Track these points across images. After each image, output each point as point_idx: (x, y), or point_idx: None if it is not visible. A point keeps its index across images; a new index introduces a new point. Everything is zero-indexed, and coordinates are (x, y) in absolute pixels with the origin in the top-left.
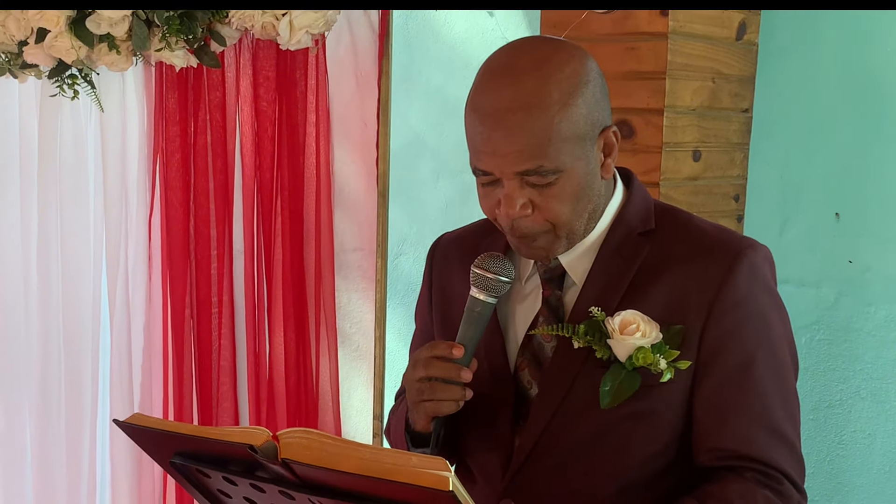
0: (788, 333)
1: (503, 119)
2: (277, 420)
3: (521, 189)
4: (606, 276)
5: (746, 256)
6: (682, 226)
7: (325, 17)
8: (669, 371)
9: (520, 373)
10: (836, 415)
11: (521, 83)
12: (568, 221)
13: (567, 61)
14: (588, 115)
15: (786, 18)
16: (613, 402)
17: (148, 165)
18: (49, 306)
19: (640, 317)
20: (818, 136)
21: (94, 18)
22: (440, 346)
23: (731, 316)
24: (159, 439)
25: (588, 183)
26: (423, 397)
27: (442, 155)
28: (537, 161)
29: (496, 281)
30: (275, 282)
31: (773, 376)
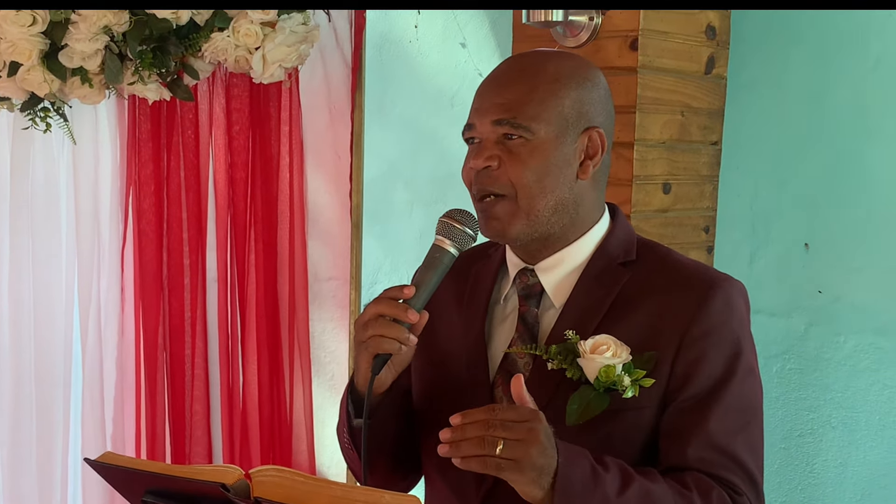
0: (756, 369)
1: (498, 78)
2: (251, 451)
3: (493, 144)
4: (585, 302)
5: (721, 289)
6: (662, 259)
7: (297, 52)
8: (633, 389)
9: (495, 389)
10: (807, 444)
11: (527, 57)
12: (528, 190)
13: (577, 60)
14: (578, 104)
15: (754, 53)
16: (579, 419)
17: (121, 197)
18: (20, 337)
19: (613, 340)
20: (787, 168)
21: (66, 52)
22: (393, 287)
23: (700, 344)
24: (131, 478)
25: (557, 166)
26: (367, 333)
27: (416, 185)
28: (513, 112)
29: (461, 232)
30: (248, 313)
31: (737, 405)
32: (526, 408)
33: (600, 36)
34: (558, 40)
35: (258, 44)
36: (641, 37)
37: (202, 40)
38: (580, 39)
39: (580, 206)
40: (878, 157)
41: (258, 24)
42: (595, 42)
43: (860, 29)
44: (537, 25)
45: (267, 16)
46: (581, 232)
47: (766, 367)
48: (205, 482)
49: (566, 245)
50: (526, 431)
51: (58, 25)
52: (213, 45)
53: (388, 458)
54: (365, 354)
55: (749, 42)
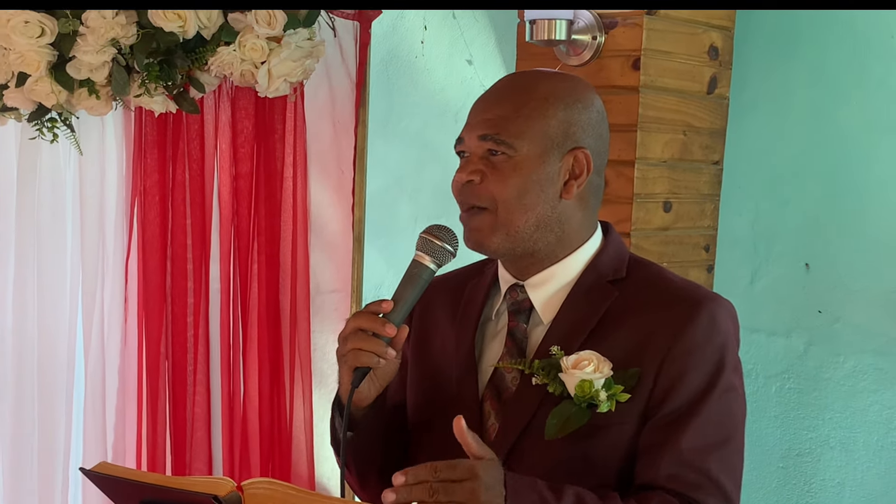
0: (739, 389)
1: (490, 95)
2: (251, 462)
3: (479, 159)
4: (573, 319)
5: (707, 308)
6: (651, 277)
7: (303, 67)
8: (609, 403)
9: (484, 404)
10: (805, 463)
11: (522, 76)
12: (507, 206)
13: (571, 81)
14: (566, 125)
15: (757, 73)
16: (558, 434)
17: (126, 208)
18: (24, 344)
19: (596, 355)
20: (788, 188)
21: (74, 64)
22: (373, 302)
23: (681, 362)
24: (125, 488)
25: (537, 184)
26: (347, 347)
27: (420, 199)
28: (497, 128)
29: (441, 248)
30: (250, 324)
31: (714, 424)
32: (464, 464)
33: (603, 55)
34: (561, 59)
35: (264, 58)
36: (644, 56)
37: (208, 54)
38: (583, 58)
39: (566, 224)
40: (879, 178)
41: (264, 38)
42: (598, 61)
43: (862, 50)
44: (540, 44)
45: (273, 30)
46: (570, 249)
47: (765, 387)
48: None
49: (555, 262)
50: (467, 492)
51: (66, 37)
52: (219, 59)
53: (378, 471)
54: (345, 368)
55: (752, 62)
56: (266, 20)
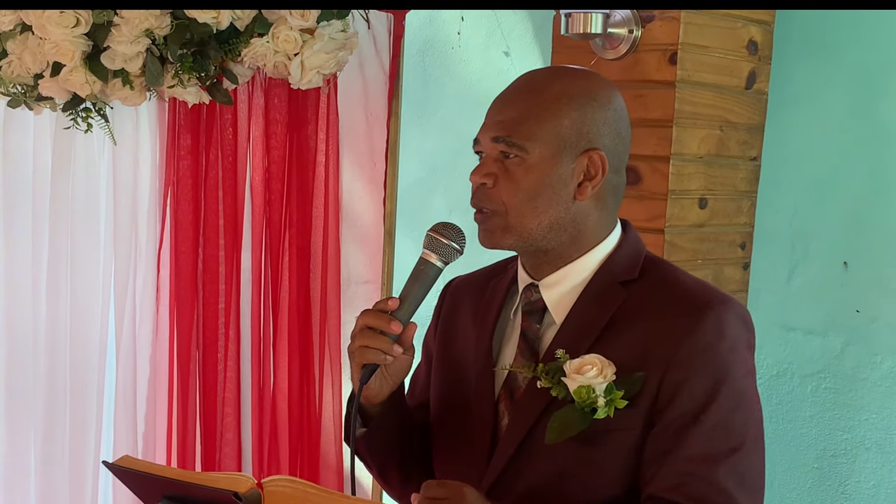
0: (750, 394)
1: (505, 95)
2: (280, 453)
3: (493, 161)
4: (581, 320)
5: (714, 311)
6: (663, 278)
7: (336, 58)
8: (607, 409)
9: (498, 404)
10: (840, 464)
11: (536, 75)
12: (518, 210)
13: (588, 78)
14: (580, 126)
15: (797, 68)
16: (558, 438)
17: (158, 198)
18: (57, 336)
19: (600, 359)
20: (828, 185)
21: (108, 54)
22: (381, 300)
23: (687, 365)
24: (147, 482)
25: (550, 187)
26: (355, 344)
27: (455, 191)
28: (509, 130)
29: (448, 247)
30: (281, 315)
31: (722, 431)
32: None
33: (639, 49)
34: (597, 52)
35: (297, 50)
36: (681, 51)
37: (242, 45)
38: (619, 52)
39: (582, 224)
40: None
41: (297, 30)
42: (634, 55)
43: None
44: (576, 37)
45: (306, 22)
46: (586, 249)
47: (800, 386)
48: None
49: (569, 262)
50: None
51: (100, 28)
52: (252, 51)
53: (398, 468)
54: (354, 364)
55: (792, 57)
56: (299, 12)
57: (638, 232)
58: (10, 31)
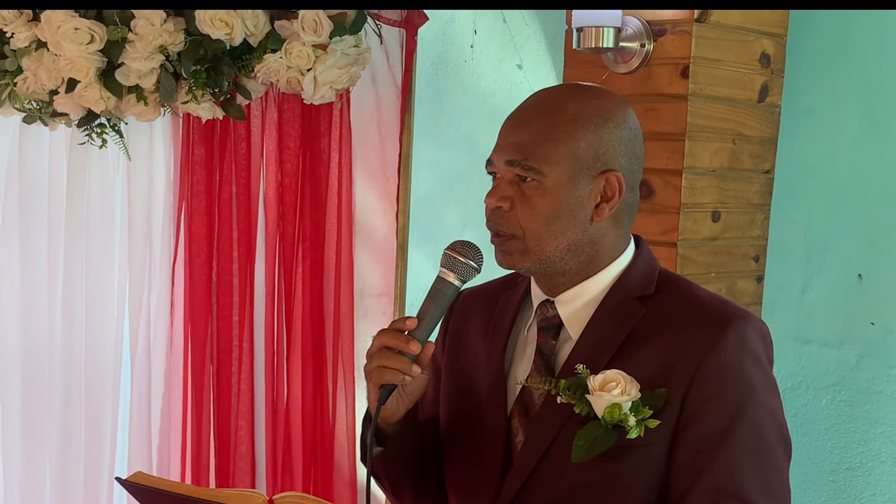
0: (776, 409)
1: (518, 115)
2: (294, 466)
3: (508, 184)
4: (599, 335)
5: (736, 326)
6: (680, 293)
7: (348, 74)
8: (638, 429)
9: (511, 420)
10: (856, 477)
11: (550, 95)
12: (536, 234)
13: (602, 97)
14: (596, 147)
15: (810, 81)
16: (585, 456)
17: (173, 213)
18: (72, 349)
19: (623, 376)
20: (842, 197)
21: (122, 70)
22: (398, 319)
23: (712, 382)
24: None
25: (567, 210)
26: (372, 364)
27: (468, 204)
28: (525, 153)
29: (465, 265)
30: (294, 329)
31: (750, 445)
32: None
33: (651, 63)
34: (609, 66)
35: (310, 65)
36: (693, 64)
37: (255, 61)
38: (631, 66)
39: (598, 244)
40: None
41: (310, 45)
42: (646, 69)
43: None
44: (588, 52)
45: (319, 38)
46: (602, 266)
47: (815, 399)
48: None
49: (586, 278)
50: None
51: (115, 44)
52: (265, 66)
53: (412, 484)
54: (371, 385)
55: (804, 70)
56: (312, 27)
57: (650, 246)
58: (26, 48)
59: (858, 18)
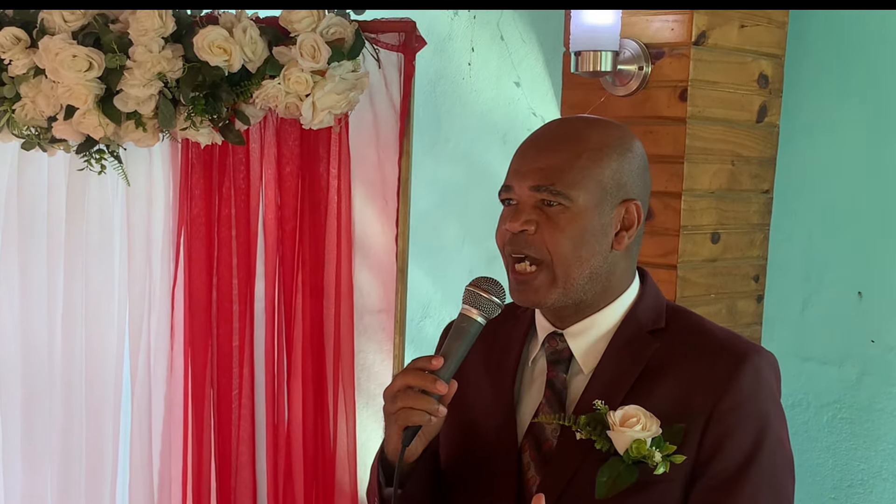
0: (786, 442)
1: (541, 141)
2: (295, 488)
3: (531, 209)
4: (614, 370)
5: (752, 361)
6: (691, 327)
7: (347, 99)
8: (664, 465)
9: (522, 454)
10: (857, 495)
11: (570, 124)
12: (565, 260)
13: (620, 130)
14: (618, 175)
15: (808, 100)
16: (609, 493)
17: (172, 238)
18: (72, 373)
19: (643, 412)
20: (841, 215)
21: (121, 97)
22: (421, 358)
23: (730, 418)
24: None
25: (593, 236)
26: (396, 406)
27: (467, 220)
28: (552, 179)
29: (488, 301)
30: (294, 354)
31: (767, 482)
32: None
33: (649, 86)
34: (608, 89)
35: (308, 91)
36: (691, 87)
37: (253, 87)
38: (629, 89)
39: (612, 275)
40: None
41: (308, 71)
42: (644, 91)
43: None
44: (586, 75)
45: (317, 64)
46: (611, 298)
47: (816, 416)
48: None
49: (596, 311)
50: None
51: (113, 71)
52: (264, 92)
53: None
54: (395, 427)
55: (803, 90)
56: (310, 53)
57: (650, 269)
58: (24, 75)
59: (856, 37)
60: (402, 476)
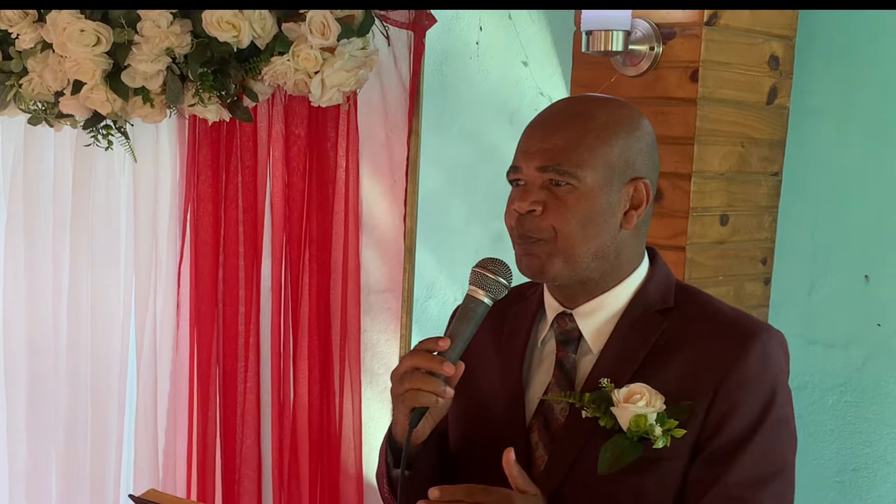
0: (790, 420)
1: (548, 122)
2: (300, 467)
3: (538, 189)
4: (622, 349)
5: (761, 339)
6: (700, 306)
7: (356, 77)
8: (664, 439)
9: (531, 434)
10: (862, 478)
11: (577, 102)
12: (570, 237)
13: (627, 108)
14: (626, 154)
15: (819, 82)
16: (612, 467)
17: (179, 214)
18: (78, 350)
19: (648, 389)
20: (850, 198)
21: (129, 72)
22: (428, 339)
23: (735, 395)
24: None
25: (601, 215)
26: (404, 387)
27: (474, 200)
28: (559, 159)
29: (495, 282)
30: (301, 332)
31: (766, 457)
32: (501, 492)
33: (660, 66)
34: (618, 69)
35: (317, 68)
36: (702, 68)
37: (262, 64)
38: (640, 69)
39: (621, 254)
40: None
41: (318, 48)
42: (655, 72)
43: None
44: (597, 55)
45: (327, 41)
46: (621, 278)
47: (821, 399)
48: None
49: (605, 291)
50: None
51: (121, 46)
52: (272, 69)
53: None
54: (402, 408)
55: (814, 72)
56: (320, 30)
57: (659, 250)
58: (31, 49)
59: (866, 19)
60: (410, 457)
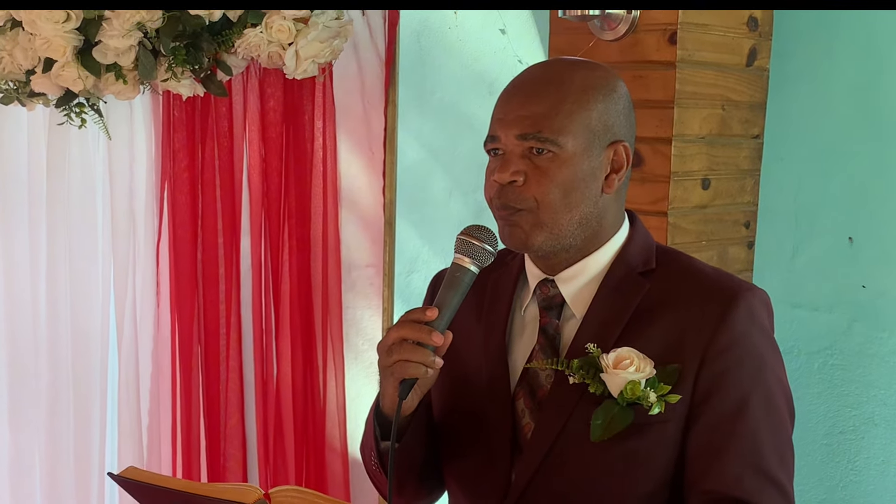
0: (783, 378)
1: (524, 87)
2: (285, 445)
3: (518, 158)
4: (605, 312)
5: (744, 299)
6: (682, 267)
7: (330, 47)
8: (659, 405)
9: (516, 402)
10: (849, 441)
11: (552, 67)
12: (552, 206)
13: (602, 70)
14: (604, 117)
15: (798, 43)
16: (604, 435)
17: (156, 192)
18: (58, 332)
19: (636, 353)
20: (832, 160)
21: (100, 48)
22: (415, 310)
23: (725, 357)
24: (153, 494)
25: (583, 181)
26: (392, 359)
27: (455, 173)
28: (539, 126)
29: (481, 249)
30: (282, 307)
31: (766, 420)
32: None
33: (638, 29)
34: (596, 33)
35: (291, 39)
36: (680, 30)
37: (235, 36)
38: (618, 33)
39: (603, 219)
40: None
41: (291, 20)
42: (633, 35)
43: None
44: (574, 19)
45: (300, 11)
46: (601, 243)
47: (807, 363)
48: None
49: (586, 255)
50: None
51: (91, 22)
52: (245, 42)
53: (417, 478)
54: (391, 380)
55: (793, 33)
56: None
57: (641, 216)
58: (1, 28)
59: None
60: (399, 430)
